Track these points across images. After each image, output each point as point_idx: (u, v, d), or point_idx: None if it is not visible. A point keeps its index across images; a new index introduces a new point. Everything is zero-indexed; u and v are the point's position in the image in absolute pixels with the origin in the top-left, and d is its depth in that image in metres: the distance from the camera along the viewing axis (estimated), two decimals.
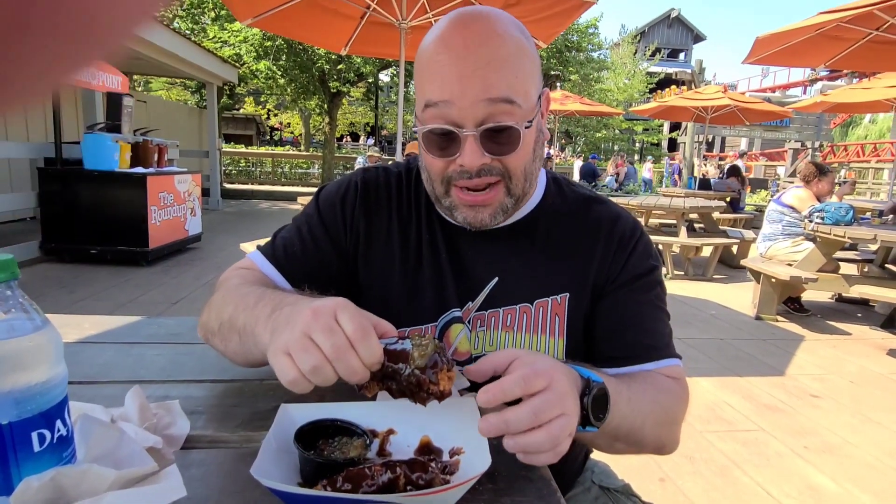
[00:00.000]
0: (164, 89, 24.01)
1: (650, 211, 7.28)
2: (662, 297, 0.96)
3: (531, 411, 0.62)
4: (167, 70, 11.13)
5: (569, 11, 4.65)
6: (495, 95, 0.79)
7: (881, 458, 2.68)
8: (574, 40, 18.49)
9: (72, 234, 6.04)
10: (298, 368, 0.63)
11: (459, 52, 0.79)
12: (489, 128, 0.80)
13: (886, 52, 5.03)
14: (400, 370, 0.66)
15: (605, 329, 0.92)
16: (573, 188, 1.02)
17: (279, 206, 13.83)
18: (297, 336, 0.64)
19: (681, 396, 0.90)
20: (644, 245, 0.96)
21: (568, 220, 0.96)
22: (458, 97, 0.79)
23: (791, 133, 19.41)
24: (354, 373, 0.63)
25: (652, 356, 0.90)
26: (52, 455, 0.56)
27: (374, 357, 0.64)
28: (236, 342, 0.82)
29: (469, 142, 0.81)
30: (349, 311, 0.66)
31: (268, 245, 1.00)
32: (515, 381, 0.64)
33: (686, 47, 41.33)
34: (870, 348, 4.38)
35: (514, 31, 0.83)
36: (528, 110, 0.83)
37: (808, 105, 10.70)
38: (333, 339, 0.63)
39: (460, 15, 0.84)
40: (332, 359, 0.62)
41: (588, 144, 28.34)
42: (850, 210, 4.65)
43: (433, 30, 0.85)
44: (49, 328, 0.57)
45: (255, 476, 0.58)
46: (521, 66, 0.82)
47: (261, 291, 0.83)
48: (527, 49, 0.83)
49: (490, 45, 0.79)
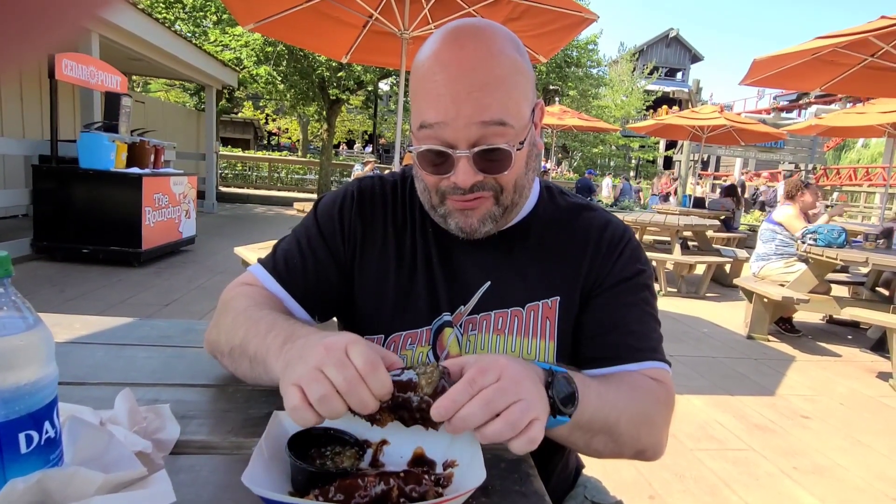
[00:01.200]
0: (162, 91, 24.00)
1: (644, 227, 7.31)
2: (650, 302, 0.97)
3: (482, 403, 0.63)
4: (167, 72, 11.14)
5: (570, 28, 4.69)
6: (488, 118, 0.81)
7: (870, 482, 2.68)
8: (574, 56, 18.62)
9: (64, 233, 5.99)
10: (307, 398, 0.63)
11: (455, 73, 0.80)
12: (482, 150, 0.82)
13: (881, 78, 5.09)
14: (410, 399, 0.66)
15: (589, 330, 0.94)
16: (566, 197, 1.04)
17: (275, 210, 13.81)
18: (308, 369, 0.65)
19: (660, 398, 0.89)
20: (632, 249, 0.97)
21: (560, 227, 0.99)
22: (452, 119, 0.81)
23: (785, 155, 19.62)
24: (366, 405, 0.64)
25: (634, 357, 0.90)
26: (40, 457, 0.55)
27: (384, 389, 0.65)
28: (247, 367, 0.85)
29: (462, 162, 0.83)
30: (360, 346, 0.67)
31: (269, 258, 1.02)
32: (463, 387, 0.64)
33: (684, 67, 41.77)
34: (860, 371, 4.40)
35: (509, 50, 0.84)
36: (521, 128, 0.85)
37: (802, 128, 10.82)
38: (345, 372, 0.64)
39: (457, 31, 0.84)
40: (343, 392, 0.63)
41: (585, 159, 28.50)
42: (842, 233, 4.68)
43: (430, 43, 0.85)
44: (41, 327, 0.56)
45: (246, 484, 0.57)
46: (516, 86, 0.83)
47: (272, 318, 0.85)
48: (521, 66, 0.85)
49: (485, 67, 0.81)
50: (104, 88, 6.56)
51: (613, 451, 0.84)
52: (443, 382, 0.67)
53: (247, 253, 3.94)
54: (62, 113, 6.63)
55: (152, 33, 8.29)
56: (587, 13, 4.44)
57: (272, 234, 7.83)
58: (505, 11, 4.53)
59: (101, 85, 6.55)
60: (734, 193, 9.60)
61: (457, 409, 0.63)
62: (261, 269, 0.99)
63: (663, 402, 0.89)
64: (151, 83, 23.11)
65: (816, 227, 4.84)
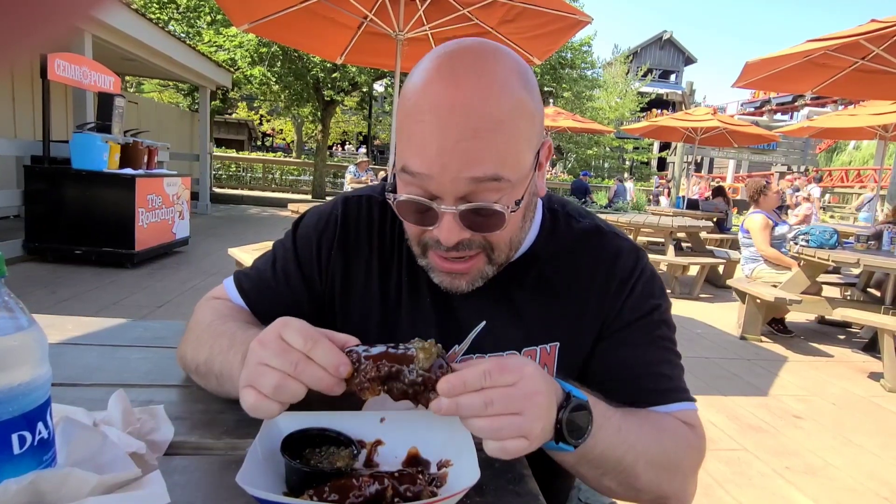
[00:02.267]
0: (156, 91, 23.89)
1: (639, 229, 7.34)
2: (669, 336, 0.89)
3: (483, 400, 0.62)
4: (160, 72, 11.10)
5: (565, 30, 4.71)
6: (480, 174, 0.70)
7: (862, 481, 2.70)
8: (568, 58, 18.67)
9: (56, 234, 5.95)
10: (261, 392, 0.64)
11: (444, 117, 0.69)
12: (471, 208, 0.73)
13: (872, 81, 5.14)
14: (402, 371, 0.66)
15: (602, 376, 0.85)
16: (572, 221, 0.92)
17: (269, 211, 13.77)
18: (252, 368, 0.65)
19: (691, 444, 0.82)
20: (644, 283, 0.88)
21: (563, 262, 0.89)
22: (437, 172, 0.71)
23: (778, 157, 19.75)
24: (320, 380, 0.64)
25: (657, 401, 0.84)
26: (33, 458, 0.55)
27: (332, 360, 0.64)
28: (215, 383, 0.84)
29: (447, 218, 0.73)
30: (293, 327, 0.66)
31: (243, 275, 0.98)
32: (478, 374, 0.63)
33: (677, 69, 41.97)
34: (851, 371, 4.43)
35: (514, 86, 0.72)
36: (520, 181, 0.75)
37: (794, 129, 10.91)
38: (287, 357, 0.64)
39: (454, 62, 0.72)
40: (293, 374, 0.63)
41: (579, 161, 28.57)
42: (834, 234, 4.72)
43: (422, 70, 0.74)
44: (35, 328, 0.56)
45: (241, 484, 0.57)
46: (517, 131, 0.72)
47: (232, 332, 0.83)
48: (526, 105, 0.73)
49: (481, 110, 0.69)
50: (97, 89, 6.53)
51: (629, 493, 0.78)
52: (441, 361, 0.67)
53: (241, 254, 3.93)
54: (55, 113, 6.59)
55: (146, 33, 8.26)
56: (582, 15, 4.46)
57: (266, 235, 7.81)
58: (500, 13, 4.54)
59: (94, 85, 6.51)
60: (723, 194, 9.69)
61: (461, 392, 0.63)
62: (232, 287, 0.97)
63: (694, 448, 0.83)
64: (145, 83, 23.00)
65: (809, 229, 4.89)
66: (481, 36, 4.88)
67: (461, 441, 0.70)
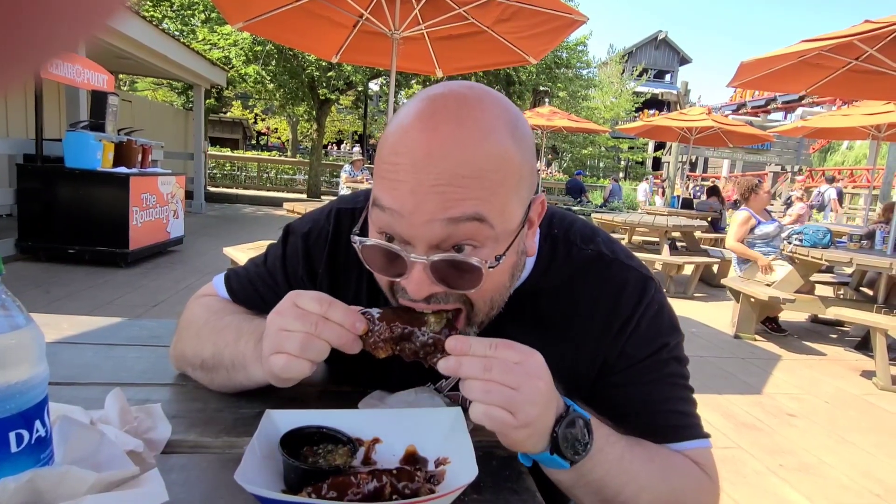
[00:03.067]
0: (150, 90, 23.78)
1: (634, 228, 7.36)
2: (679, 373, 0.84)
3: (483, 365, 0.63)
4: (154, 70, 11.05)
5: (560, 29, 4.71)
6: (458, 214, 0.64)
7: (855, 479, 2.72)
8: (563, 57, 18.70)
9: (50, 233, 5.92)
10: (289, 354, 0.67)
11: (419, 161, 0.64)
12: (443, 260, 0.66)
13: (865, 81, 5.16)
14: (415, 333, 0.69)
15: (607, 415, 0.80)
16: (573, 249, 0.85)
17: (263, 210, 13.73)
18: (273, 336, 0.69)
19: (703, 486, 0.78)
20: (649, 321, 0.81)
21: (562, 295, 0.83)
22: (410, 212, 0.64)
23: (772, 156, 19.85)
24: (340, 335, 0.67)
25: (665, 440, 0.80)
26: (30, 456, 0.55)
27: (347, 317, 0.67)
28: (224, 376, 0.85)
29: (416, 269, 0.66)
30: (305, 294, 0.69)
31: (233, 273, 0.98)
32: (484, 345, 0.64)
33: (672, 69, 42.08)
34: (845, 369, 4.46)
35: (500, 134, 0.66)
36: (504, 233, 0.68)
37: (788, 129, 10.97)
38: (306, 319, 0.67)
39: (436, 104, 0.67)
40: (314, 333, 0.66)
41: (574, 160, 28.63)
42: (827, 233, 4.75)
43: (404, 111, 0.69)
44: (32, 326, 0.56)
45: (240, 482, 0.57)
46: (500, 180, 0.66)
47: (236, 325, 0.85)
48: (511, 155, 0.67)
49: (459, 157, 0.63)
50: (90, 87, 6.49)
51: None
52: (451, 325, 0.70)
53: (236, 253, 3.92)
54: (47, 111, 6.55)
55: (140, 31, 8.22)
56: (577, 15, 4.47)
57: (261, 234, 7.79)
58: (495, 13, 4.54)
59: (88, 83, 6.47)
60: (718, 194, 9.74)
61: (464, 354, 0.64)
62: (221, 285, 0.97)
63: (706, 492, 0.79)
64: (138, 82, 22.90)
65: (802, 228, 4.92)
66: (477, 35, 4.90)
67: (459, 439, 0.70)
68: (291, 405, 0.76)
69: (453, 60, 5.44)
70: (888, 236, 4.89)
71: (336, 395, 0.95)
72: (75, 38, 0.19)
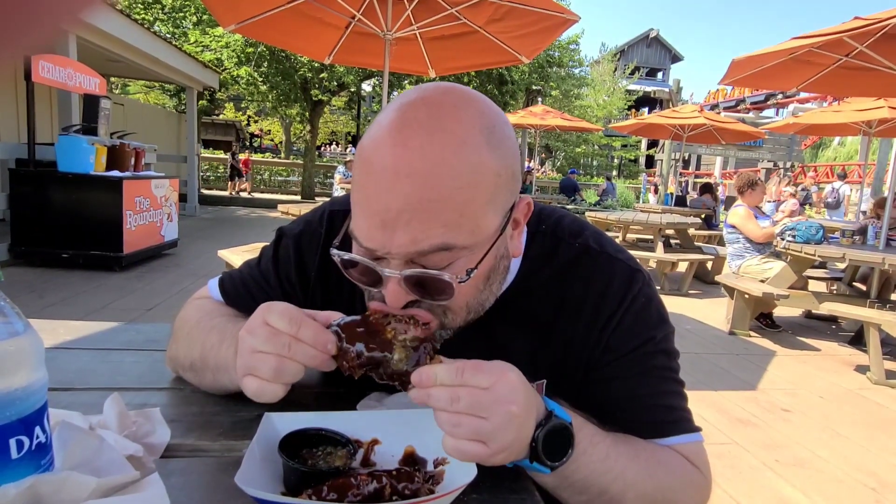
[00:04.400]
0: (142, 93, 23.68)
1: (628, 226, 7.39)
2: (667, 366, 0.83)
3: (449, 396, 0.61)
4: (146, 73, 11.01)
5: (552, 28, 4.72)
6: (425, 248, 0.65)
7: (849, 473, 2.74)
8: (556, 56, 18.76)
9: (43, 238, 5.89)
10: (262, 378, 0.66)
11: (388, 182, 0.63)
12: (415, 275, 0.67)
13: (856, 78, 5.20)
14: (384, 359, 0.67)
15: (595, 410, 0.80)
16: (561, 245, 0.84)
17: (257, 213, 13.70)
18: (246, 357, 0.67)
19: (693, 481, 0.78)
20: (635, 314, 0.80)
21: (550, 292, 0.83)
22: (381, 246, 0.66)
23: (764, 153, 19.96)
24: (313, 357, 0.66)
25: (654, 434, 0.80)
26: (30, 462, 0.55)
27: (318, 338, 0.66)
28: (210, 379, 0.85)
29: (391, 283, 0.68)
30: (276, 311, 0.68)
31: (227, 277, 0.98)
32: (450, 370, 0.62)
33: (664, 67, 42.25)
34: (838, 364, 4.49)
35: (472, 144, 0.65)
36: (478, 246, 0.68)
37: (780, 126, 11.02)
38: (277, 340, 0.66)
39: (405, 119, 0.66)
40: (287, 355, 0.65)
41: (567, 159, 28.70)
42: (819, 229, 4.79)
43: (379, 119, 0.68)
44: (30, 332, 0.56)
45: (240, 484, 0.57)
46: (474, 195, 0.65)
47: (221, 327, 0.84)
48: (487, 165, 0.66)
49: (428, 177, 0.63)
50: (82, 90, 6.47)
51: None
52: (423, 350, 0.67)
53: (230, 256, 3.92)
54: (39, 116, 6.51)
55: (131, 34, 8.19)
56: (569, 14, 4.48)
57: (255, 236, 7.77)
58: (488, 12, 4.55)
59: (80, 87, 6.45)
60: (711, 191, 9.79)
61: (431, 386, 0.62)
62: (216, 289, 0.97)
63: (695, 487, 0.79)
64: (130, 85, 22.80)
65: (795, 225, 4.95)
66: (469, 35, 4.91)
67: None
68: (290, 408, 0.77)
69: (446, 61, 5.45)
70: (880, 231, 4.93)
71: (334, 396, 0.95)
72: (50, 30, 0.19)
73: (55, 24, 0.19)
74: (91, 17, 0.21)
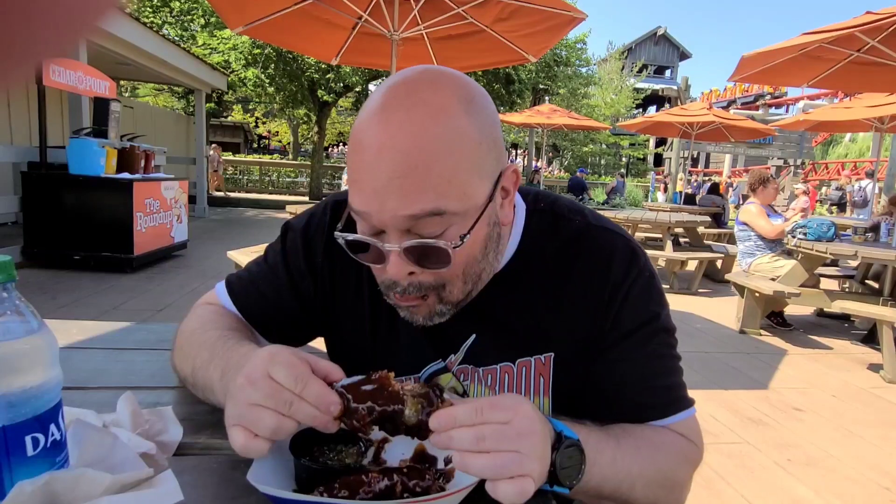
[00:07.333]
0: (151, 95, 23.86)
1: (636, 225, 7.35)
2: (668, 343, 0.85)
3: (475, 436, 0.60)
4: (155, 76, 11.09)
5: (559, 27, 4.71)
6: (417, 211, 0.68)
7: (863, 472, 2.71)
8: (563, 55, 18.70)
9: (55, 240, 5.95)
10: (255, 434, 0.61)
11: (374, 156, 0.68)
12: (412, 245, 0.70)
13: (867, 73, 5.15)
14: (398, 411, 0.64)
15: (600, 392, 0.84)
16: (560, 221, 0.87)
17: (266, 214, 13.76)
18: (244, 408, 0.62)
19: (688, 456, 0.83)
20: (640, 288, 0.83)
21: (552, 268, 0.85)
22: (376, 212, 0.69)
23: (774, 150, 19.80)
24: (313, 417, 0.62)
25: (657, 415, 0.83)
26: (46, 460, 0.55)
27: (322, 399, 0.62)
28: (201, 394, 0.85)
29: (392, 256, 0.71)
30: (281, 362, 0.63)
31: (235, 278, 0.98)
32: (468, 410, 0.61)
33: (672, 64, 41.99)
34: (851, 363, 4.45)
35: (450, 113, 0.69)
36: (469, 211, 0.71)
37: (790, 123, 10.91)
38: (279, 396, 0.61)
39: (386, 99, 0.70)
40: (288, 414, 0.61)
41: (575, 158, 28.60)
42: (831, 227, 4.74)
43: (365, 106, 0.73)
44: (45, 331, 0.56)
45: (252, 482, 0.58)
46: (457, 160, 0.68)
47: (211, 343, 0.83)
48: (467, 132, 0.69)
49: (409, 146, 0.67)
50: (93, 94, 6.52)
51: None
52: (432, 398, 0.65)
53: (240, 257, 3.94)
54: (50, 119, 6.59)
55: (140, 37, 8.26)
56: (576, 12, 4.47)
57: (264, 237, 7.81)
58: (494, 11, 4.55)
59: (90, 90, 6.50)
60: (717, 191, 9.75)
61: (451, 427, 0.61)
62: (224, 292, 0.97)
63: (690, 461, 0.83)
64: (140, 88, 22.97)
65: (806, 222, 4.90)
66: (476, 35, 4.91)
67: None
68: None
69: (453, 60, 5.44)
70: (893, 228, 4.87)
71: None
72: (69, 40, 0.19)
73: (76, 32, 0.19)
74: (108, 24, 0.21)
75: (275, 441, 0.62)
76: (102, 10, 0.19)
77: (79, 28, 0.19)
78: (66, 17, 0.18)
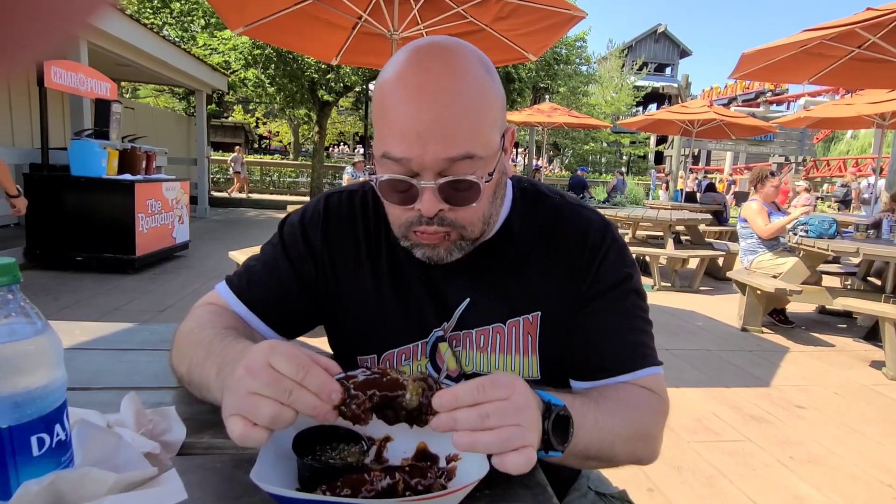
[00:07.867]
0: (151, 96, 23.88)
1: (637, 223, 7.35)
2: (640, 304, 0.94)
3: (479, 414, 0.63)
4: (156, 77, 11.10)
5: (559, 25, 4.71)
6: (455, 154, 0.76)
7: (865, 469, 2.71)
8: (563, 53, 18.70)
9: (57, 241, 5.97)
10: (253, 423, 0.62)
11: (419, 103, 0.75)
12: (449, 181, 0.78)
13: (868, 70, 5.14)
14: (396, 399, 0.65)
15: (578, 344, 0.91)
16: (542, 198, 0.98)
17: (267, 214, 13.77)
18: (242, 397, 0.62)
19: (657, 409, 0.89)
20: (615, 252, 0.93)
21: (538, 236, 0.94)
22: (417, 154, 0.76)
23: (775, 147, 19.75)
24: (315, 407, 0.62)
25: (627, 368, 0.89)
26: (51, 459, 0.56)
27: (323, 387, 0.63)
28: (198, 392, 0.86)
29: (427, 193, 0.78)
30: (281, 353, 0.64)
31: (234, 275, 1.00)
32: (469, 389, 0.64)
33: (672, 62, 41.94)
34: (853, 360, 4.45)
35: (477, 71, 0.78)
36: (490, 158, 0.80)
37: (791, 120, 10.89)
38: (280, 384, 0.62)
39: (422, 51, 0.79)
40: (287, 403, 0.62)
41: (576, 157, 28.58)
42: (833, 224, 4.73)
43: (393, 64, 0.80)
44: (49, 332, 0.57)
45: (255, 481, 0.58)
46: (485, 114, 0.78)
47: (207, 342, 0.84)
48: (490, 89, 0.80)
49: (452, 94, 0.75)
50: (94, 95, 6.54)
51: (608, 465, 0.85)
52: (430, 383, 0.67)
53: (241, 257, 3.95)
54: (52, 120, 6.60)
55: (140, 39, 8.26)
56: (576, 10, 4.46)
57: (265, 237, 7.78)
58: (493, 10, 4.55)
59: (91, 92, 6.52)
60: (713, 190, 9.75)
61: (455, 407, 0.63)
62: (225, 289, 0.98)
63: (659, 413, 0.89)
64: (140, 89, 23.00)
65: (808, 219, 4.89)
66: (476, 34, 4.91)
67: None
68: None
69: None
70: (895, 225, 4.86)
71: None
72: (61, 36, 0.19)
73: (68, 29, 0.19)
74: (103, 22, 0.21)
75: (273, 430, 0.63)
76: (92, 9, 0.19)
77: (68, 26, 0.19)
78: (52, 14, 0.18)
